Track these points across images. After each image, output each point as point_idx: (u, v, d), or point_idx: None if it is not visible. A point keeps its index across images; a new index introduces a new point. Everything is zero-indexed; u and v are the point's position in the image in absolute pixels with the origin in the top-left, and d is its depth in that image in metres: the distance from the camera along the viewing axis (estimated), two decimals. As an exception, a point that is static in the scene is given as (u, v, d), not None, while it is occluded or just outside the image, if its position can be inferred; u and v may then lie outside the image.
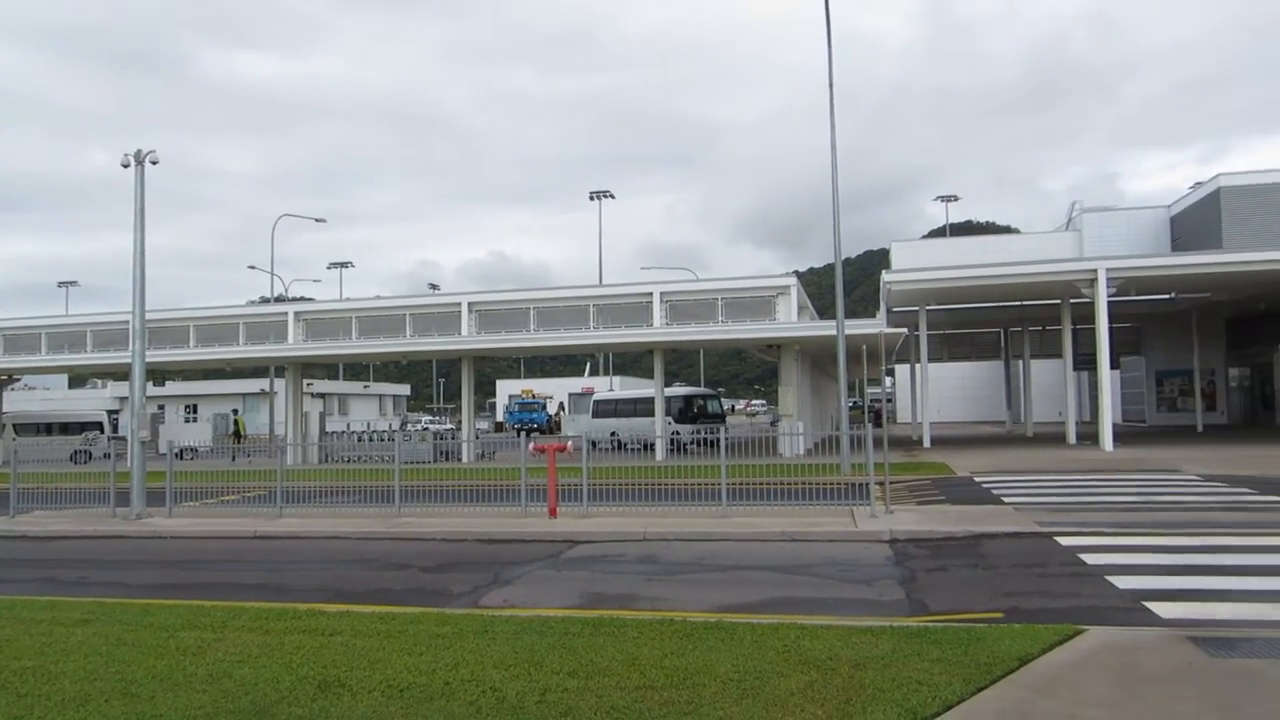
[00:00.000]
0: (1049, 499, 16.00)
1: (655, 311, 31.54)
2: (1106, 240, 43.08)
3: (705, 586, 9.94)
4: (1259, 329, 37.77)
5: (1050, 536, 11.79)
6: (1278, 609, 7.81)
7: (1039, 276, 28.80)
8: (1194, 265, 29.07)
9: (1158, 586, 8.82)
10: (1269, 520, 12.81)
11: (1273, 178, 38.02)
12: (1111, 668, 6.03)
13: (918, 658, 6.35)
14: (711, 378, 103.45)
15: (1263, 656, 6.21)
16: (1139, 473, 20.03)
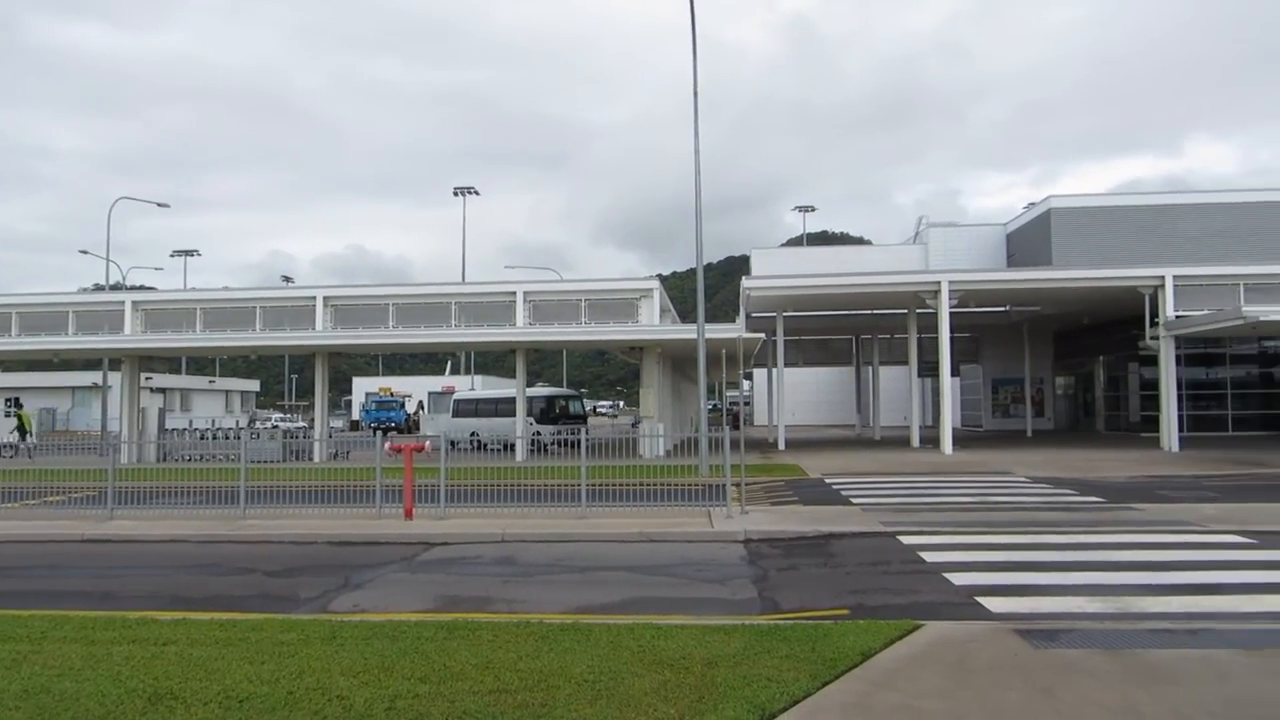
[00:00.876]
0: (893, 499, 16.76)
1: (518, 311, 31.30)
2: (950, 254, 45.57)
3: (563, 588, 9.92)
4: (1082, 341, 40.74)
5: (894, 536, 12.36)
6: (1094, 602, 8.42)
7: (888, 287, 30.17)
8: (1027, 280, 31.13)
9: (989, 582, 9.38)
10: (1088, 519, 13.82)
11: (1098, 201, 41.16)
12: (946, 660, 6.36)
13: (768, 655, 6.52)
14: (574, 378, 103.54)
15: (1080, 646, 6.68)
16: (975, 475, 21.25)
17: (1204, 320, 26.93)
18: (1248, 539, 11.75)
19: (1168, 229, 38.03)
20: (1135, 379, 36.65)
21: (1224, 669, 6.06)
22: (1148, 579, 9.43)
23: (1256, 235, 36.83)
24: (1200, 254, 34.03)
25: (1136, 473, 21.13)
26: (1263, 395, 35.78)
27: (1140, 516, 13.99)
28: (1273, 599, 8.55)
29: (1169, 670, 6.05)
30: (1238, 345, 35.07)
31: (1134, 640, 6.85)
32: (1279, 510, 14.12)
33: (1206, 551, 11.04)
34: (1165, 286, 28.01)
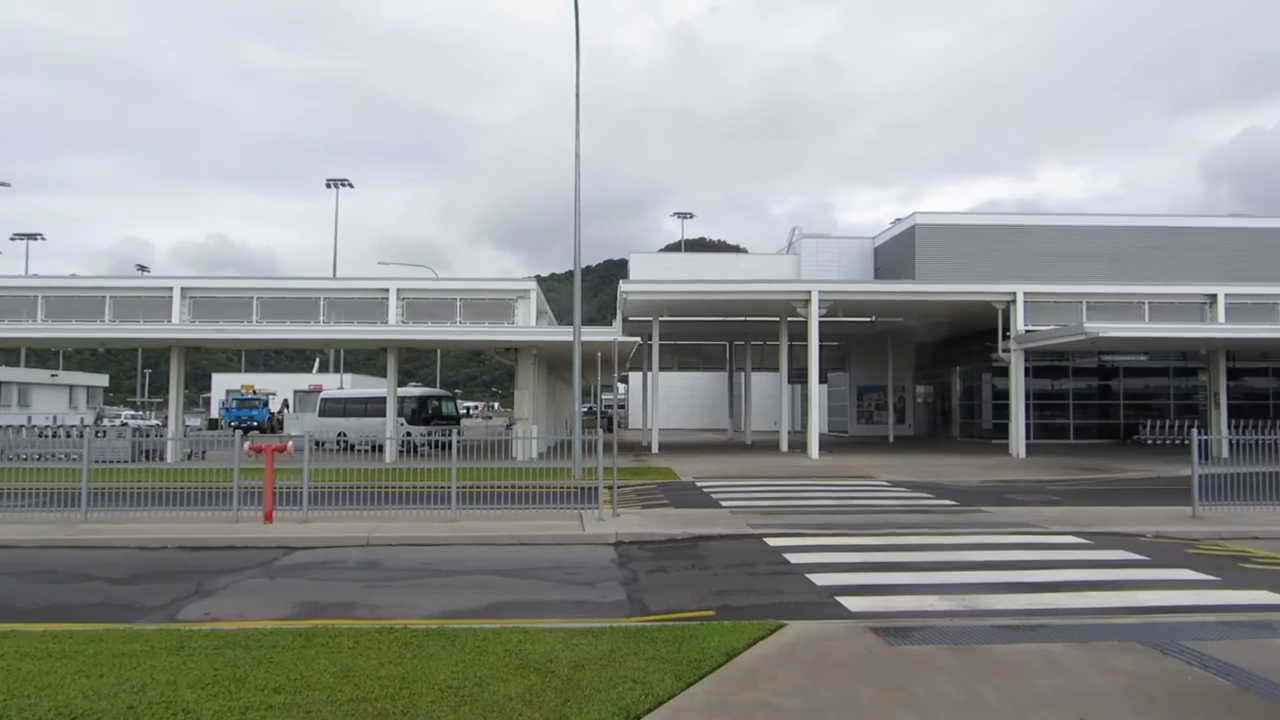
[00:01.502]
0: (761, 502, 17.15)
1: (391, 308, 30.56)
2: (821, 265, 47.06)
3: (430, 592, 9.72)
4: (941, 352, 42.76)
5: (760, 538, 12.65)
6: (944, 600, 8.84)
7: (761, 295, 30.91)
8: (892, 292, 32.47)
9: (849, 583, 9.71)
10: (942, 522, 14.49)
11: (959, 219, 43.26)
12: (806, 658, 6.55)
13: (634, 656, 6.56)
14: (448, 379, 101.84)
15: (930, 643, 6.99)
16: (839, 478, 21.99)
17: (1050, 335, 28.67)
18: (1083, 539, 12.57)
19: (1020, 248, 40.32)
20: (988, 389, 38.69)
21: (1058, 661, 6.45)
22: (993, 578, 9.95)
23: (1099, 257, 39.49)
24: (1049, 272, 36.23)
25: (987, 477, 22.30)
26: (1101, 406, 38.36)
27: (989, 519, 14.77)
28: (1103, 595, 9.16)
29: (1010, 664, 6.40)
30: (1079, 359, 37.51)
31: (980, 636, 7.21)
32: (1112, 513, 15.15)
33: (1047, 551, 11.74)
34: (1017, 302, 29.69)
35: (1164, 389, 38.36)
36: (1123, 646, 6.85)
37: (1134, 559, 11.21)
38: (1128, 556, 11.36)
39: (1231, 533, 13.15)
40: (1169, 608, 8.55)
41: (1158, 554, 11.53)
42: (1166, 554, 11.55)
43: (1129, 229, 41.44)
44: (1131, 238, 40.74)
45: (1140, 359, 38.23)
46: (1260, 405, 34.18)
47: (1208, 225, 42.17)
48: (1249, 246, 39.38)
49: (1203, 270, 36.59)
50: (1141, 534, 13.01)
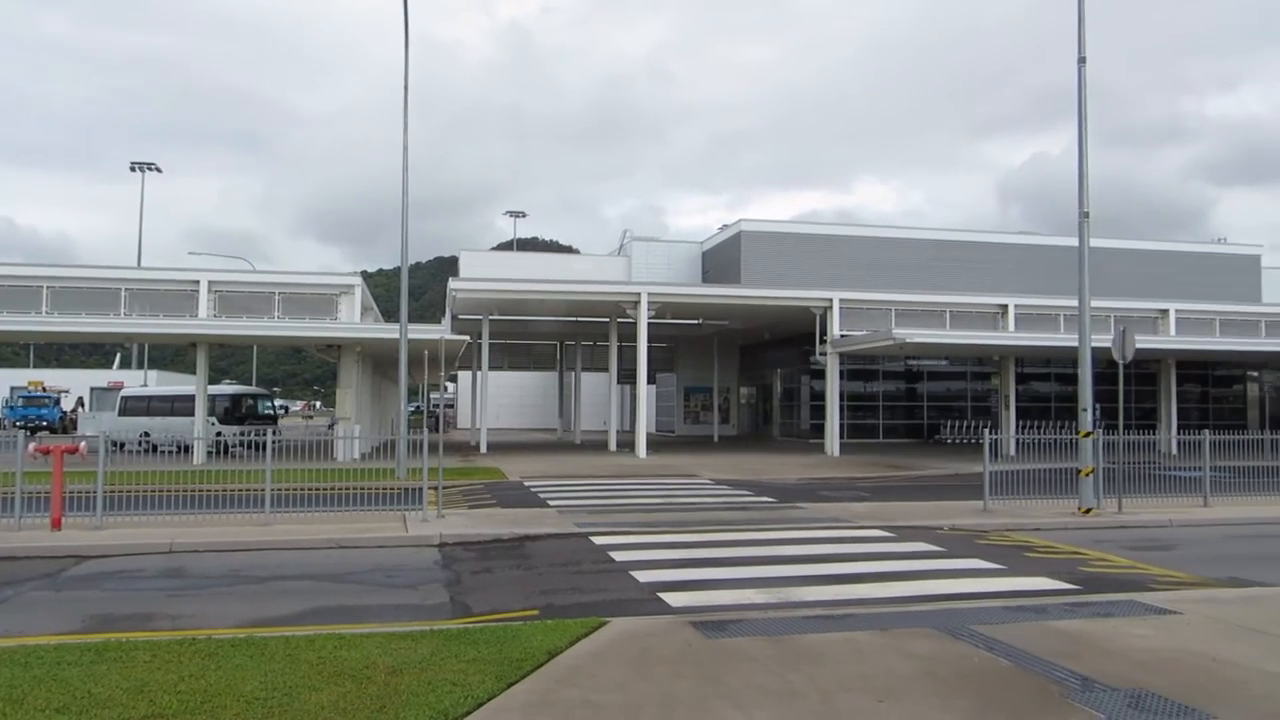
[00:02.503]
0: (588, 502, 17.29)
1: (202, 301, 28.78)
2: (651, 268, 47.85)
3: (238, 600, 9.23)
4: (764, 355, 44.42)
5: (587, 537, 12.75)
6: (761, 594, 9.19)
7: (592, 296, 31.15)
8: (718, 296, 33.45)
9: (672, 579, 9.94)
10: (760, 518, 15.07)
11: (781, 227, 45.08)
12: (627, 655, 6.66)
13: (455, 659, 6.48)
14: (266, 376, 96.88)
15: (746, 635, 7.25)
16: (665, 477, 22.46)
17: (863, 340, 30.36)
18: (888, 533, 13.38)
19: (837, 256, 42.47)
20: (807, 390, 40.49)
21: (861, 648, 6.85)
22: (807, 571, 10.45)
23: (907, 267, 42.10)
24: (862, 280, 38.30)
25: (804, 475, 23.36)
26: (907, 407, 40.92)
27: (803, 514, 15.48)
28: (904, 585, 9.79)
29: (819, 652, 6.74)
30: (888, 363, 39.86)
31: (792, 627, 7.54)
32: (914, 508, 16.21)
33: (855, 545, 12.43)
34: (833, 308, 31.24)
35: (962, 392, 41.33)
36: (920, 632, 7.34)
37: (932, 550, 12.03)
38: (927, 548, 12.19)
39: (1016, 524, 14.34)
40: (961, 595, 9.23)
41: (953, 545, 12.42)
42: (960, 545, 12.46)
43: (933, 242, 44.44)
44: (935, 250, 43.70)
45: (942, 364, 41.05)
46: (1044, 407, 37.40)
47: (1001, 241, 45.83)
48: (1036, 261, 42.99)
49: (996, 282, 39.68)
50: (939, 527, 13.98)
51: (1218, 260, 47.46)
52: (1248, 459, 18.72)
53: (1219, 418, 40.30)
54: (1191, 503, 16.64)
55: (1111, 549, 12.44)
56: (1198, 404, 41.29)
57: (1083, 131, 16.10)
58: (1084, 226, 16.03)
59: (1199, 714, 5.43)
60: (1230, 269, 46.88)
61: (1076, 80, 16.14)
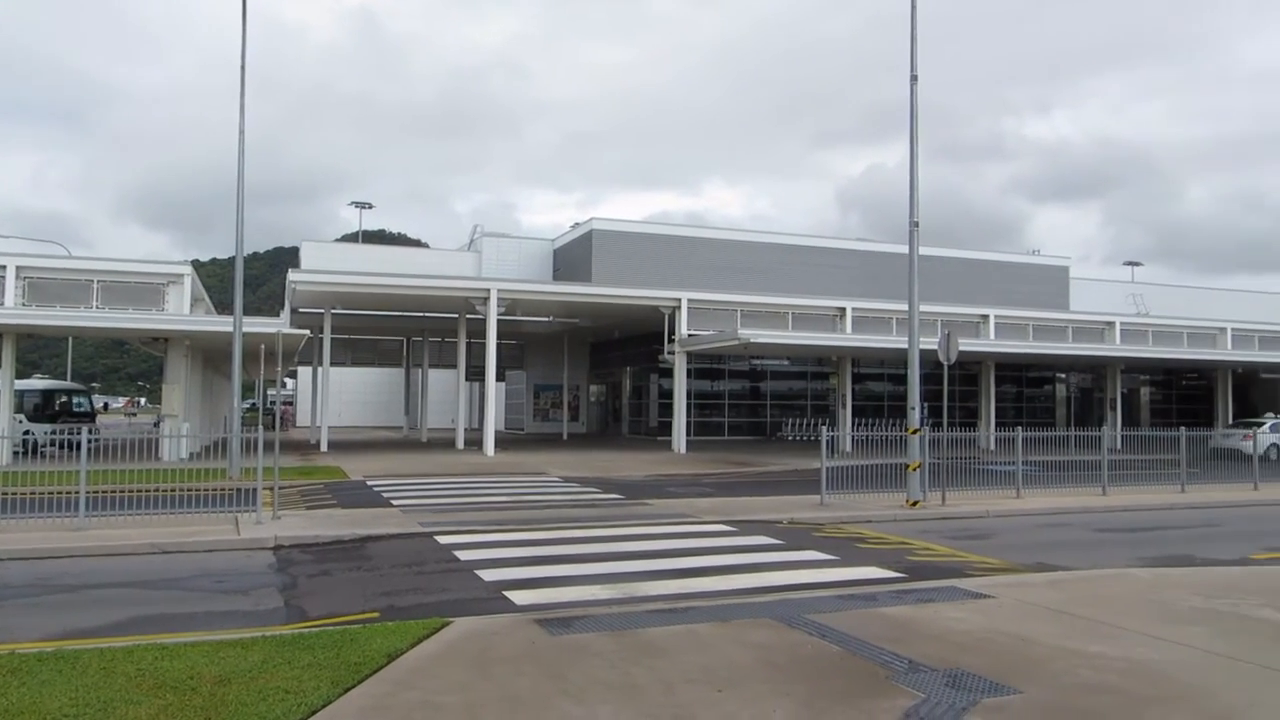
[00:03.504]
0: (434, 500, 16.96)
1: (9, 288, 26.42)
2: (502, 264, 47.35)
3: (47, 611, 8.56)
4: (614, 353, 44.77)
5: (431, 536, 12.51)
6: (606, 589, 9.27)
7: (440, 290, 30.54)
8: (569, 294, 33.50)
9: (517, 577, 9.88)
10: (607, 514, 15.19)
11: (633, 227, 45.48)
12: (469, 654, 6.58)
13: (288, 665, 6.22)
14: (84, 371, 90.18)
15: (590, 631, 7.29)
16: (513, 475, 22.30)
17: (710, 339, 31.06)
18: (731, 527, 13.76)
19: (686, 258, 43.24)
20: (655, 389, 41.08)
21: (702, 640, 7.02)
22: (651, 565, 10.61)
23: (753, 270, 43.31)
24: (710, 281, 39.16)
25: (651, 472, 23.70)
26: (752, 406, 42.15)
27: (650, 510, 15.71)
28: (744, 577, 10.09)
29: (661, 645, 6.85)
30: (734, 363, 40.94)
31: (636, 621, 7.64)
32: (756, 503, 16.74)
33: (699, 539, 12.72)
34: (681, 308, 31.81)
35: (803, 391, 42.93)
36: (757, 623, 7.58)
37: (772, 543, 12.45)
38: (767, 541, 12.60)
39: (850, 517, 15.03)
40: (798, 585, 9.60)
41: (791, 538, 12.90)
42: (798, 538, 12.95)
43: (778, 246, 45.92)
44: (780, 254, 45.17)
45: (784, 364, 42.50)
46: (878, 405, 39.28)
47: (841, 247, 47.83)
48: (872, 267, 45.12)
49: (836, 286, 41.38)
50: (779, 521, 14.49)
51: (1032, 270, 51.14)
52: (1055, 454, 20.29)
53: (1031, 416, 43.50)
54: (1006, 495, 17.88)
55: (935, 539, 13.23)
56: (1013, 403, 44.37)
57: (914, 145, 17.02)
58: (914, 235, 16.95)
59: (1007, 689, 5.85)
60: (1043, 278, 50.59)
61: (909, 97, 17.04)
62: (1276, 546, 13.00)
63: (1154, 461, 20.87)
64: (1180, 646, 6.94)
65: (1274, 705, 5.61)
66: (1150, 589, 9.19)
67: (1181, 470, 19.96)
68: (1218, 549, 12.75)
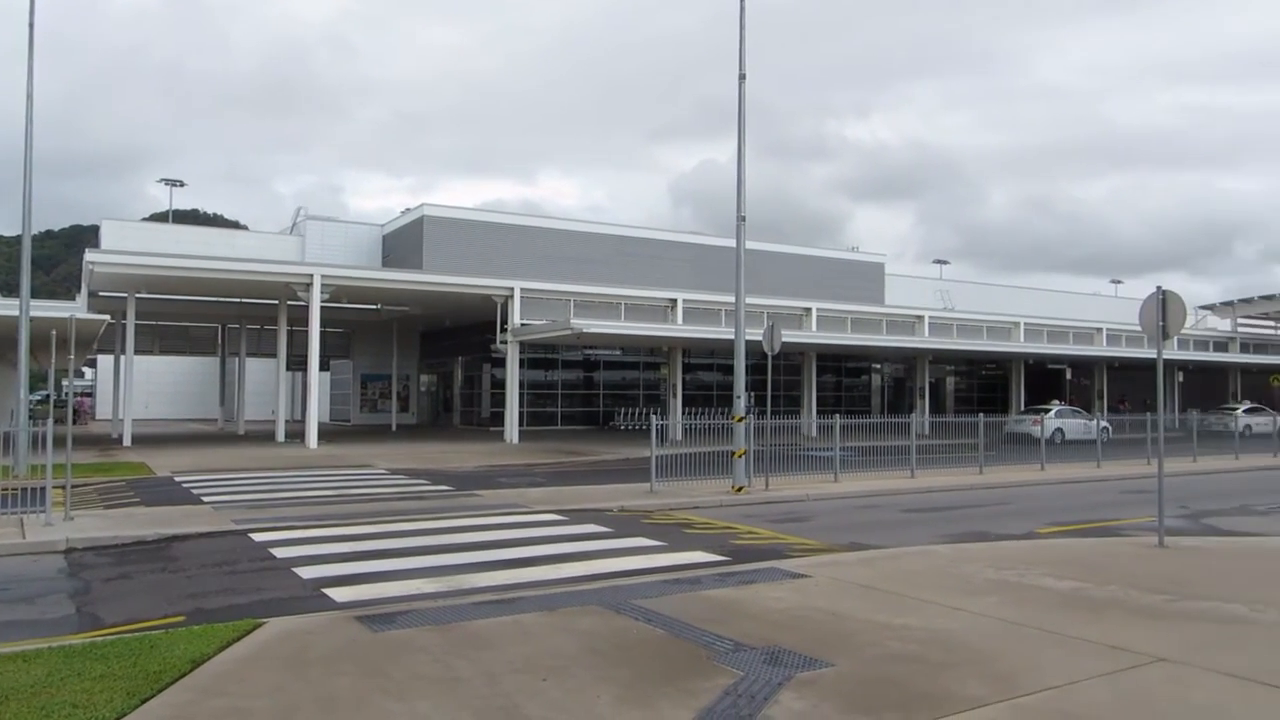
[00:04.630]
0: (250, 496, 16.11)
1: None
2: (327, 249, 45.44)
3: None
4: (445, 342, 43.90)
5: (245, 534, 11.87)
6: (432, 583, 9.07)
7: (259, 275, 29.02)
8: (398, 281, 32.53)
9: (338, 573, 9.52)
10: (436, 506, 14.88)
11: (466, 214, 44.62)
12: (283, 656, 6.27)
13: (77, 678, 5.74)
14: None
15: (414, 626, 7.11)
16: (337, 468, 21.49)
17: (543, 329, 30.96)
18: (561, 516, 13.77)
19: (521, 247, 42.86)
20: (488, 378, 40.60)
21: (529, 629, 6.98)
22: (480, 557, 10.47)
23: (587, 260, 43.45)
24: (545, 271, 39.01)
25: (482, 463, 23.40)
26: (585, 395, 42.34)
27: (480, 501, 15.51)
28: (573, 566, 10.11)
29: (487, 637, 6.77)
30: (567, 352, 41.00)
31: (461, 614, 7.51)
32: (587, 491, 16.82)
33: (529, 529, 12.66)
34: (514, 297, 31.56)
35: (636, 380, 43.50)
36: (584, 610, 7.61)
37: (601, 531, 12.55)
38: (596, 529, 12.69)
39: (679, 504, 15.35)
40: (626, 572, 9.70)
41: (620, 526, 13.04)
42: (627, 525, 13.11)
43: (613, 237, 46.25)
44: (614, 245, 45.52)
45: (617, 353, 42.91)
46: (708, 395, 40.33)
47: (674, 240, 48.69)
48: (704, 260, 46.16)
49: (669, 278, 42.16)
50: (609, 509, 14.62)
51: (851, 266, 53.79)
52: (870, 440, 21.44)
53: (850, 404, 45.80)
54: (825, 479, 18.75)
55: (759, 523, 13.71)
56: (834, 392, 46.58)
57: (741, 142, 17.51)
58: (741, 229, 17.46)
59: (821, 663, 6.12)
60: (861, 274, 53.32)
61: (738, 95, 17.51)
62: (1058, 521, 14.24)
63: (956, 446, 22.43)
64: (974, 616, 7.47)
65: (1050, 664, 6.13)
66: (950, 564, 9.86)
67: (980, 454, 21.54)
68: (1009, 525, 13.83)
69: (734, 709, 5.23)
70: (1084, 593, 8.39)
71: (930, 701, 5.38)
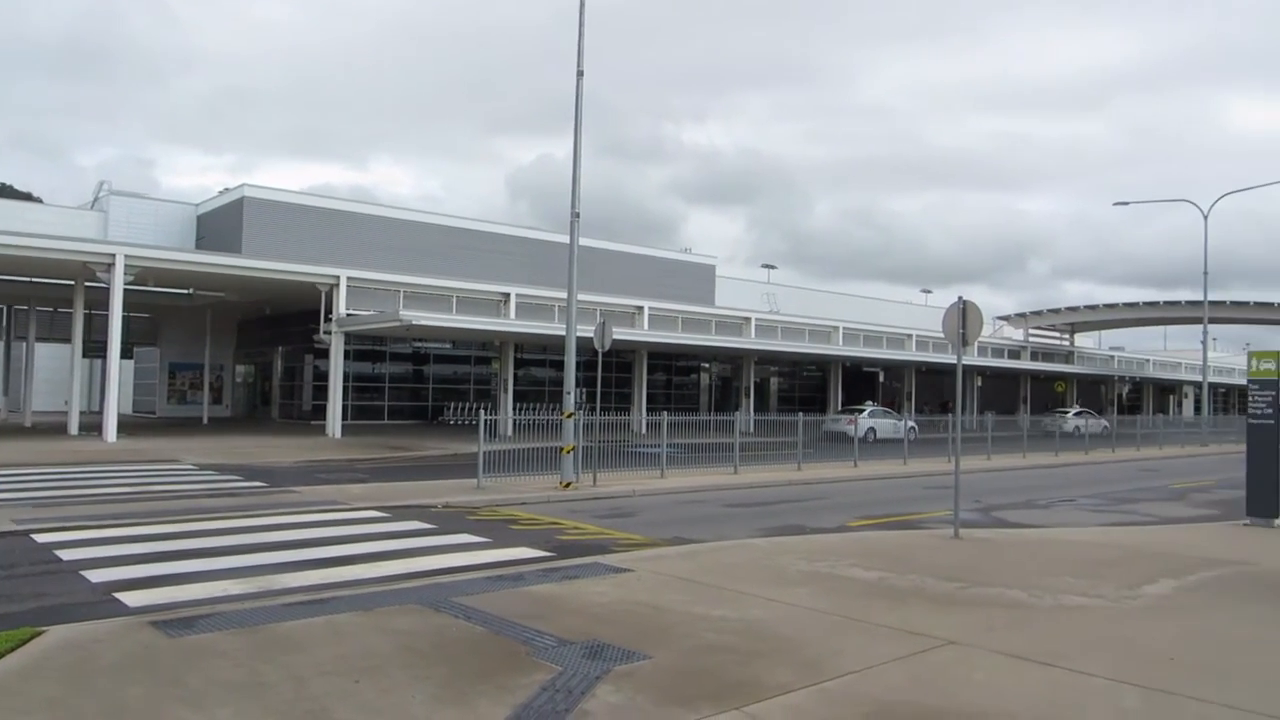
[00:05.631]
0: (35, 494, 14.79)
1: None
2: (135, 228, 42.26)
3: None
4: (264, 331, 41.77)
5: (26, 535, 10.87)
6: (239, 584, 8.60)
7: (53, 254, 26.62)
8: (213, 265, 30.64)
9: (132, 576, 8.87)
10: (249, 504, 14.14)
11: (291, 197, 42.59)
12: (65, 666, 5.78)
13: None
14: None
15: (217, 630, 6.71)
16: (139, 463, 20.05)
17: (369, 320, 29.99)
18: (383, 513, 13.38)
19: (350, 234, 41.31)
20: (310, 370, 38.93)
21: (342, 630, 6.73)
22: (294, 556, 10.01)
23: (420, 251, 42.38)
24: (375, 260, 37.73)
25: (302, 458, 22.42)
26: (414, 389, 41.33)
27: (297, 498, 14.85)
28: (394, 564, 9.84)
29: (297, 639, 6.47)
30: (396, 344, 39.90)
31: (270, 616, 7.16)
32: (411, 487, 16.42)
33: (349, 527, 12.23)
34: (340, 286, 30.41)
35: (467, 375, 42.84)
36: (403, 609, 7.42)
37: (425, 528, 12.28)
38: (420, 526, 12.41)
39: (506, 500, 15.23)
40: (449, 569, 9.52)
41: (445, 522, 12.80)
42: (452, 521, 12.89)
43: (446, 228, 45.34)
44: (448, 237, 44.63)
45: (448, 347, 42.13)
46: (540, 390, 40.20)
47: (509, 233, 48.23)
48: (539, 255, 45.99)
49: (502, 272, 41.71)
50: (434, 505, 14.33)
51: (684, 267, 54.97)
52: (697, 437, 21.99)
53: (680, 402, 46.83)
54: (652, 475, 19.08)
55: (585, 518, 13.79)
56: (664, 389, 47.47)
57: (578, 139, 17.55)
58: (575, 226, 17.49)
59: (639, 656, 6.21)
60: (693, 275, 54.57)
61: (575, 91, 17.53)
62: (868, 515, 15.06)
63: (778, 443, 23.33)
64: (787, 606, 7.79)
65: (853, 650, 6.47)
66: (767, 556, 10.24)
67: (799, 451, 22.49)
68: (823, 519, 14.51)
69: (550, 704, 5.23)
70: (887, 582, 8.90)
71: (741, 690, 5.56)
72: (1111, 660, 6.35)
